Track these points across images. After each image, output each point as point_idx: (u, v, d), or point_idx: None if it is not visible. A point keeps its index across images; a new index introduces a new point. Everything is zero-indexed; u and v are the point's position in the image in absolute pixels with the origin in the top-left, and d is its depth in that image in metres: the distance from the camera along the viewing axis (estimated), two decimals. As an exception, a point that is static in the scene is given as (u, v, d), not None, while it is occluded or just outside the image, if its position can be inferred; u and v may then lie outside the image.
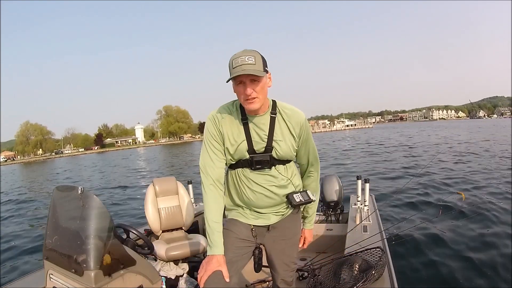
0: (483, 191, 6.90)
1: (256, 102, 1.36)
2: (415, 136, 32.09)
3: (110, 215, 1.47)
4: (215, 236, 1.41)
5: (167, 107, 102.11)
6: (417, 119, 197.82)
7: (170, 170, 18.42)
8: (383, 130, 62.31)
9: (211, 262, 1.37)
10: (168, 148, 56.28)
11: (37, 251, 5.34)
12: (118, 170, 21.72)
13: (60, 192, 1.61)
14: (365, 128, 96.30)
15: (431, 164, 9.76)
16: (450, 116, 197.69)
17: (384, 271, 1.78)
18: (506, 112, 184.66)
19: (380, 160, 14.23)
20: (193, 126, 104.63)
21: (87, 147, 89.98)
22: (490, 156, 12.65)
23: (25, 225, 7.80)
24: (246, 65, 1.29)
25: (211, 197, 1.45)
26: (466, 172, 9.31)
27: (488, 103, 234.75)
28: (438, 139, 25.46)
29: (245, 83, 1.33)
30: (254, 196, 1.50)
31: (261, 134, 1.45)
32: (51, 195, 1.62)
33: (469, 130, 37.27)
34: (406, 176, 9.37)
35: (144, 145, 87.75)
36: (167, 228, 2.86)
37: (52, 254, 1.50)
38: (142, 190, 10.27)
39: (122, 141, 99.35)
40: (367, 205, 3.12)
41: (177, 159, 27.40)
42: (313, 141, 1.58)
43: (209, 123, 1.48)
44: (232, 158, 1.49)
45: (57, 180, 19.83)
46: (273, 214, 1.55)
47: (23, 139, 79.61)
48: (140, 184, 13.14)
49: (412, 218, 4.41)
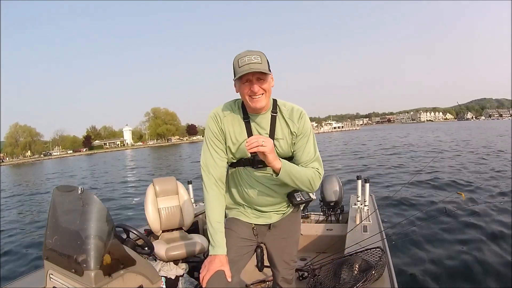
0: (483, 191, 6.90)
1: (262, 100, 1.37)
2: (407, 137, 32.32)
3: (110, 215, 1.47)
4: (218, 236, 1.41)
5: (155, 109, 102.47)
6: (404, 121, 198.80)
7: (170, 170, 18.48)
8: (371, 131, 62.99)
9: (213, 262, 1.37)
10: (156, 150, 56.17)
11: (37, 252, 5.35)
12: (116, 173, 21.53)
13: (60, 192, 1.61)
14: (353, 130, 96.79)
15: (430, 164, 9.76)
16: (438, 118, 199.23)
17: (384, 271, 1.78)
18: (494, 114, 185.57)
19: (380, 159, 14.25)
20: (181, 128, 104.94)
21: (75, 149, 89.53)
22: (490, 155, 12.68)
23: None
24: (253, 63, 1.31)
25: (213, 197, 1.45)
26: (466, 172, 9.32)
27: (476, 105, 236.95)
28: (438, 141, 25.49)
29: (252, 81, 1.34)
30: (255, 195, 1.50)
31: (262, 133, 1.45)
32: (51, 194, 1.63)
33: (467, 131, 37.69)
34: (406, 176, 9.38)
35: (132, 147, 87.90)
36: (167, 228, 2.86)
37: (52, 254, 1.49)
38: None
39: (110, 143, 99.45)
40: (367, 205, 3.12)
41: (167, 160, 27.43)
42: (313, 137, 1.50)
43: (211, 122, 1.47)
44: (234, 157, 1.49)
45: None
46: (274, 212, 1.56)
47: (12, 141, 78.86)
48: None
49: (412, 218, 4.42)
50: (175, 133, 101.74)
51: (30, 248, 5.71)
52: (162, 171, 18.88)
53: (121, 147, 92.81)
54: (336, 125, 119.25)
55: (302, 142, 1.47)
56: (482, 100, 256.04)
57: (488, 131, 33.55)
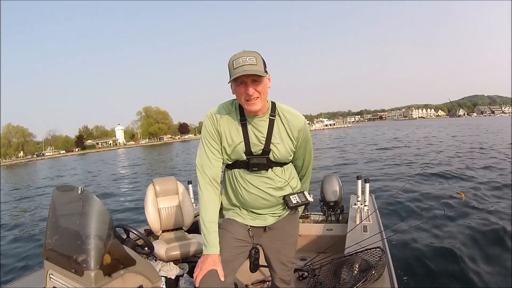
0: (483, 190, 6.90)
1: (258, 103, 1.36)
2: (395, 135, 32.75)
3: (110, 215, 1.47)
4: (211, 236, 1.41)
5: (147, 108, 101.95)
6: (396, 118, 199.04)
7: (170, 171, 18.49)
8: (361, 128, 63.67)
9: (206, 262, 1.38)
10: (148, 149, 55.99)
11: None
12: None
13: (60, 192, 1.61)
14: (344, 127, 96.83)
15: (430, 164, 9.76)
16: (429, 115, 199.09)
17: (384, 271, 1.78)
18: (486, 110, 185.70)
19: (379, 160, 14.25)
20: (173, 127, 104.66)
21: (68, 149, 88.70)
22: (489, 154, 12.68)
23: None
24: (247, 65, 1.29)
25: (207, 197, 1.44)
26: (465, 172, 9.31)
27: (468, 102, 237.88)
28: (439, 141, 25.54)
29: (247, 84, 1.32)
30: (250, 197, 1.49)
31: (259, 136, 1.44)
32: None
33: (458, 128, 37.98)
34: (405, 177, 9.37)
35: (125, 147, 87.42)
36: (167, 228, 2.86)
37: (52, 254, 1.50)
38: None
39: (103, 142, 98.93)
40: (367, 205, 3.12)
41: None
42: (311, 145, 1.58)
43: (208, 122, 1.46)
44: (229, 158, 1.48)
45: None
46: (270, 215, 1.55)
47: (5, 142, 77.41)
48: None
49: (412, 218, 4.42)
50: (167, 132, 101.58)
51: (30, 248, 5.70)
52: (162, 170, 18.90)
53: (113, 147, 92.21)
54: (328, 122, 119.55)
55: (303, 149, 1.55)
56: (474, 97, 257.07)
57: (486, 128, 33.64)
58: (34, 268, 3.13)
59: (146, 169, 20.57)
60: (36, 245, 5.76)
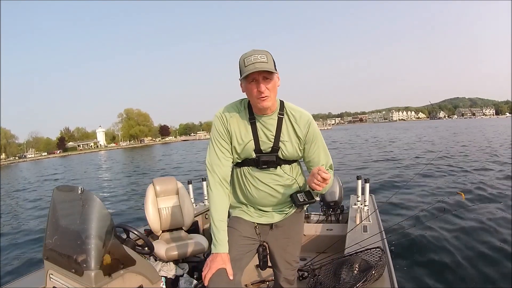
0: (483, 190, 6.90)
1: (269, 100, 1.38)
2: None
3: (110, 215, 1.47)
4: (221, 235, 1.42)
5: (128, 110, 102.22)
6: (377, 120, 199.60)
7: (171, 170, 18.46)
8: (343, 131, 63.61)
9: (215, 260, 1.38)
10: (129, 151, 55.54)
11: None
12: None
13: (60, 192, 1.61)
14: (324, 129, 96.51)
15: (430, 163, 9.76)
16: (410, 117, 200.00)
17: (384, 271, 1.78)
18: (466, 113, 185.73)
19: (379, 159, 14.26)
20: (153, 129, 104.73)
21: (49, 151, 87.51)
22: (487, 155, 12.68)
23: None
24: (259, 63, 1.31)
25: (217, 196, 1.46)
26: (465, 172, 9.32)
27: (448, 104, 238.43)
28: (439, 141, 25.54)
29: (258, 81, 1.34)
30: (259, 194, 1.51)
31: (268, 134, 1.46)
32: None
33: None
34: (405, 176, 9.38)
35: (106, 149, 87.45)
36: (167, 228, 2.86)
37: (52, 254, 1.49)
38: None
39: (84, 144, 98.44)
40: (367, 205, 3.12)
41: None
42: (323, 143, 1.54)
43: (217, 121, 1.48)
44: (239, 157, 1.50)
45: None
46: (277, 212, 1.56)
47: None
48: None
49: (412, 218, 4.42)
50: (148, 134, 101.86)
51: (29, 249, 5.70)
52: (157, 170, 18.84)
53: (94, 149, 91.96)
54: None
55: (314, 148, 1.51)
56: (455, 99, 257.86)
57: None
58: (33, 268, 3.13)
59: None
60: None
